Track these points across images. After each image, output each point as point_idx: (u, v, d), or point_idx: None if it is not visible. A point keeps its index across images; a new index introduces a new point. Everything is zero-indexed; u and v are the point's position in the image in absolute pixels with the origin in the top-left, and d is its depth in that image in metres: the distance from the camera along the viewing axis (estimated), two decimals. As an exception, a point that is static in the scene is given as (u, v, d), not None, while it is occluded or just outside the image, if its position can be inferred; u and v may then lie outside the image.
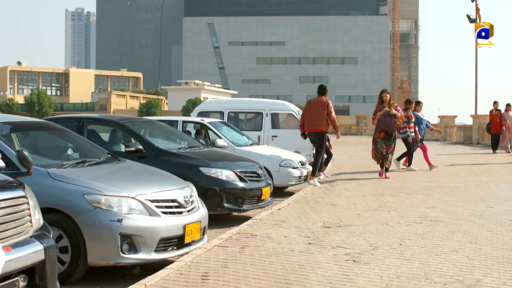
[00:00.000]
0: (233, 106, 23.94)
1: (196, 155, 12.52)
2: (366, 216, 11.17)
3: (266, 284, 6.62)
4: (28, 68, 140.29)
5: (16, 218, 5.01)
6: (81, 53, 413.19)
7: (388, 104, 17.82)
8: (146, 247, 7.82)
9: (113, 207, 7.73)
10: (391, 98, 18.10)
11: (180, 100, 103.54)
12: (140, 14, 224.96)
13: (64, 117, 13.54)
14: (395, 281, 6.65)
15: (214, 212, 11.24)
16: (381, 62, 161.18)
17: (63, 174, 8.09)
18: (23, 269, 4.89)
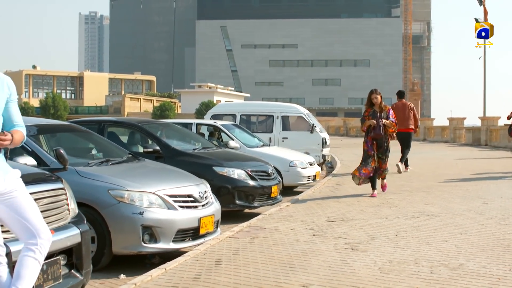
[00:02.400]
0: (245, 109, 24.78)
1: (209, 155, 13.37)
2: (368, 211, 11.99)
3: (272, 268, 7.45)
4: (43, 72, 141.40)
5: (56, 206, 5.84)
6: (95, 57, 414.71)
7: (379, 107, 14.59)
8: (165, 237, 8.66)
9: (135, 201, 8.57)
10: (382, 99, 14.69)
11: (193, 103, 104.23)
12: (153, 17, 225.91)
13: (85, 120, 14.37)
14: (387, 265, 7.48)
15: (226, 208, 12.05)
16: (393, 64, 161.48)
17: (89, 171, 8.94)
18: (63, 249, 5.72)
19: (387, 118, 14.49)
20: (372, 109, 14.65)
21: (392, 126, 14.57)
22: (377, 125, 14.35)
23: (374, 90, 14.77)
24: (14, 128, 5.18)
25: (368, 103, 14.82)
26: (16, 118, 5.22)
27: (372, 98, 14.60)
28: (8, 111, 5.15)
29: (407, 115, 20.33)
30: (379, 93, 14.73)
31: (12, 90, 5.19)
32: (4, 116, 5.12)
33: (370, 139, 14.40)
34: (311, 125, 22.51)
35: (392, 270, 7.26)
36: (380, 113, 14.49)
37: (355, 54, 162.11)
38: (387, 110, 14.72)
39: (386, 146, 14.48)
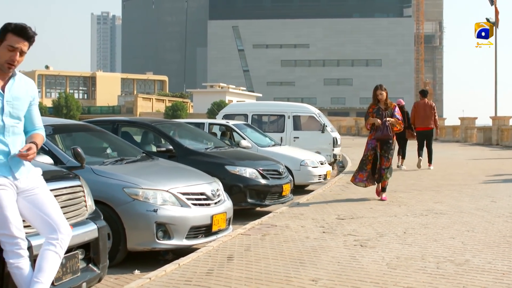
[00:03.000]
0: (256, 109, 25.00)
1: (221, 154, 13.59)
2: (378, 209, 12.19)
3: (283, 263, 7.67)
4: (56, 72, 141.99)
5: (74, 203, 6.06)
6: (107, 57, 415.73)
7: (385, 104, 13.81)
8: (178, 234, 8.88)
9: (149, 199, 8.80)
10: (387, 96, 13.88)
11: (205, 103, 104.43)
12: (165, 17, 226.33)
13: (99, 120, 14.60)
14: (394, 261, 7.68)
15: (238, 206, 12.25)
16: (405, 64, 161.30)
17: (104, 170, 9.18)
18: (80, 244, 5.93)
19: (392, 115, 13.66)
20: (376, 105, 13.81)
21: (397, 125, 13.61)
22: (382, 125, 13.44)
23: (379, 86, 13.92)
24: (35, 131, 5.45)
25: (373, 99, 13.96)
26: (37, 120, 5.50)
27: (377, 94, 13.79)
28: (30, 114, 5.42)
29: (428, 114, 21.19)
30: (385, 89, 13.92)
31: (35, 93, 5.46)
32: (25, 118, 5.37)
33: (371, 137, 13.61)
34: (322, 125, 22.70)
35: (399, 265, 7.46)
36: (385, 111, 13.68)
37: (367, 54, 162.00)
38: (392, 107, 13.86)
39: (390, 144, 13.56)
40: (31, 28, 5.22)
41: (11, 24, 5.16)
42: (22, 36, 5.14)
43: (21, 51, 5.18)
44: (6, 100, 5.17)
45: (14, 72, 5.27)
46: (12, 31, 5.12)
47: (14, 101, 5.22)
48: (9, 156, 5.15)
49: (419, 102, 21.60)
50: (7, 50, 5.11)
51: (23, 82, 5.37)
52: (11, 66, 5.16)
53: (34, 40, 5.24)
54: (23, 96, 5.31)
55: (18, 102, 5.25)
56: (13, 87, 5.24)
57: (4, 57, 5.12)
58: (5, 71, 5.17)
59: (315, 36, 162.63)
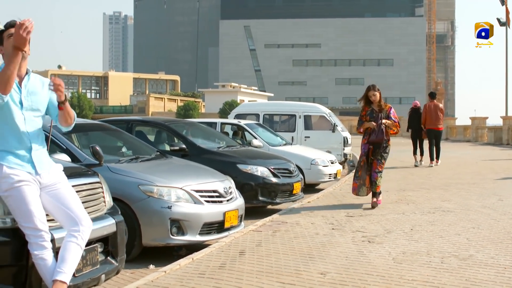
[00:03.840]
0: (268, 108, 25.28)
1: (233, 153, 13.87)
2: (386, 207, 12.45)
3: (293, 258, 7.95)
4: (68, 72, 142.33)
5: (93, 198, 6.36)
6: (119, 56, 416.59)
7: (378, 105, 12.79)
8: (192, 230, 9.16)
9: (163, 196, 9.09)
10: (381, 97, 12.90)
11: (217, 103, 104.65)
12: (177, 17, 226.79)
13: (114, 119, 14.91)
14: (400, 256, 7.96)
15: (250, 204, 12.49)
16: (417, 63, 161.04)
17: (120, 168, 9.48)
18: (100, 238, 6.22)
19: (388, 117, 12.73)
20: (370, 107, 12.82)
21: (394, 127, 12.72)
22: (377, 128, 12.56)
23: (371, 86, 12.87)
24: None
25: (364, 100, 12.96)
26: None
27: (369, 95, 12.78)
28: (53, 103, 5.68)
29: (438, 115, 22.43)
30: (378, 90, 12.88)
31: None
32: (50, 107, 5.67)
33: (365, 141, 12.73)
34: (332, 124, 22.94)
35: (405, 260, 7.73)
36: (379, 112, 12.72)
37: (378, 54, 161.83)
38: (387, 108, 12.87)
39: (384, 148, 12.65)
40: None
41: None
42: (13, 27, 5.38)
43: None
44: (24, 95, 5.48)
45: (28, 70, 5.58)
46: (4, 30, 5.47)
47: (31, 95, 5.53)
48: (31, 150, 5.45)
49: (429, 104, 22.68)
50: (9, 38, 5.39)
51: (38, 78, 5.69)
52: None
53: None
54: (40, 91, 5.62)
55: (35, 97, 5.56)
56: (29, 83, 5.56)
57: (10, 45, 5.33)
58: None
59: (326, 35, 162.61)
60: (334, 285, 6.61)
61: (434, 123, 22.58)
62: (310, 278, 6.92)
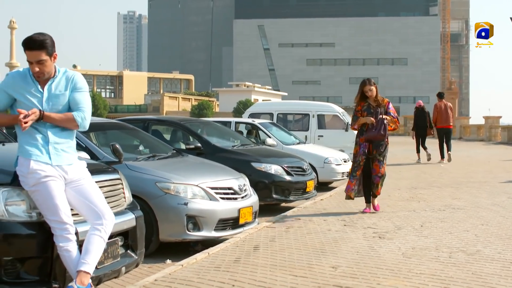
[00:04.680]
0: (281, 108, 25.53)
1: (248, 152, 14.14)
2: (398, 205, 12.71)
3: (306, 253, 8.23)
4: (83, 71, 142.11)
5: (114, 194, 6.63)
6: (133, 56, 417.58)
7: (375, 100, 11.83)
8: (207, 226, 9.44)
9: (180, 193, 9.37)
10: (378, 92, 11.90)
11: (231, 102, 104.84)
12: (191, 17, 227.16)
13: (130, 119, 15.23)
14: (410, 251, 8.21)
15: (264, 202, 12.76)
16: (431, 63, 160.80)
17: (138, 166, 9.76)
18: (120, 232, 6.48)
19: (386, 113, 11.85)
20: (366, 102, 11.86)
21: (392, 124, 11.87)
22: (378, 123, 11.65)
23: (367, 81, 11.93)
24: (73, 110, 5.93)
25: (359, 95, 11.96)
26: (78, 104, 5.91)
27: (365, 90, 11.81)
28: (72, 98, 5.89)
29: (448, 114, 23.45)
30: (374, 84, 11.94)
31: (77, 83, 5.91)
32: (69, 103, 5.90)
33: (363, 140, 11.75)
34: (346, 124, 23.13)
35: (414, 255, 7.99)
36: (377, 108, 11.80)
37: (392, 53, 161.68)
38: (385, 103, 11.95)
39: (385, 146, 11.79)
40: (38, 36, 5.68)
41: (24, 41, 5.70)
42: (31, 48, 5.65)
43: (39, 61, 5.66)
44: (45, 99, 5.77)
45: (56, 72, 5.86)
46: (24, 47, 5.70)
47: (52, 98, 5.80)
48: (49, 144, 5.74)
49: (439, 103, 23.72)
50: (29, 64, 5.71)
51: (64, 78, 5.91)
52: (38, 75, 5.73)
53: (48, 44, 5.68)
54: (63, 91, 5.85)
55: (56, 99, 5.81)
56: (52, 85, 5.81)
57: (31, 70, 5.72)
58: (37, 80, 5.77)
59: (340, 35, 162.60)
60: (344, 278, 6.86)
61: (444, 121, 23.65)
62: (322, 271, 7.18)
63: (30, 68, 5.72)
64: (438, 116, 23.71)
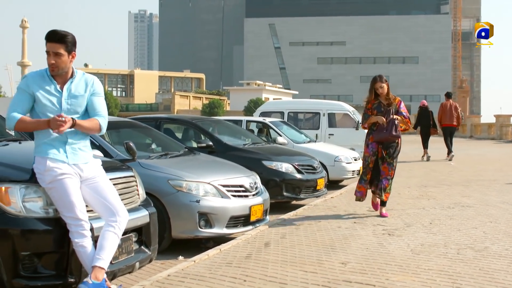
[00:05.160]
0: (292, 106, 25.66)
1: (259, 150, 14.27)
2: (407, 202, 12.82)
3: (316, 249, 8.36)
4: (95, 70, 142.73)
5: (128, 191, 6.78)
6: (144, 54, 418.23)
7: (386, 98, 11.21)
8: (219, 223, 9.58)
9: (192, 190, 9.51)
10: (389, 90, 11.24)
11: (242, 101, 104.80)
12: (202, 15, 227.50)
13: (143, 117, 15.40)
14: (419, 247, 8.33)
15: (274, 200, 12.91)
16: (442, 61, 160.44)
17: (151, 163, 9.91)
18: (134, 228, 6.62)
19: (397, 112, 11.22)
20: (377, 100, 11.23)
21: (404, 124, 11.17)
22: (389, 124, 11.00)
23: (378, 77, 11.22)
24: (94, 116, 6.13)
25: (371, 94, 11.30)
26: (99, 108, 6.15)
27: (376, 88, 11.18)
28: (91, 103, 6.10)
29: (453, 113, 24.10)
30: (386, 81, 11.24)
31: (95, 87, 6.13)
32: (87, 107, 6.10)
33: (372, 139, 11.16)
34: (356, 122, 23.21)
35: (422, 251, 8.11)
36: (388, 106, 11.19)
37: (403, 51, 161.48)
38: (397, 102, 11.29)
39: (395, 148, 11.14)
40: (61, 31, 5.94)
41: (47, 33, 5.94)
42: (51, 40, 5.89)
43: (56, 53, 5.87)
44: (64, 98, 5.93)
45: (74, 73, 6.03)
46: (46, 39, 5.92)
47: (71, 99, 5.97)
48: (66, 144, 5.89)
49: (445, 102, 24.42)
50: (47, 55, 5.89)
51: (83, 80, 6.10)
52: (53, 69, 5.91)
53: (68, 40, 5.92)
54: (82, 93, 6.04)
55: (75, 100, 5.99)
56: (71, 86, 5.99)
57: (47, 62, 5.89)
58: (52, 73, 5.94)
59: (351, 33, 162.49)
60: (354, 273, 6.99)
61: (449, 120, 24.42)
62: (332, 267, 7.31)
63: (47, 60, 5.89)
64: (443, 115, 24.55)
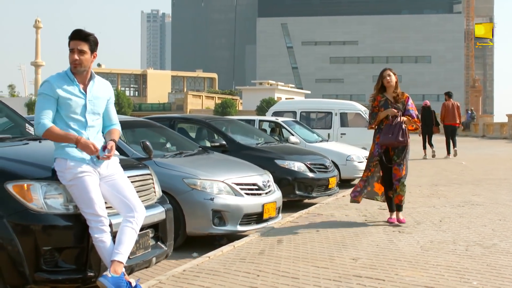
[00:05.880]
0: (305, 106, 25.86)
1: (271, 149, 14.47)
2: (418, 201, 12.99)
3: (327, 245, 8.55)
4: (108, 70, 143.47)
5: (145, 189, 6.98)
6: (157, 54, 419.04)
7: (394, 92, 10.31)
8: (232, 220, 9.78)
9: (206, 189, 9.72)
10: (398, 83, 10.38)
11: (254, 100, 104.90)
12: (214, 15, 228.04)
13: (157, 117, 15.62)
14: (428, 244, 8.52)
15: (287, 198, 13.09)
16: (455, 60, 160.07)
17: (166, 162, 10.13)
18: (150, 224, 6.82)
19: (405, 110, 10.30)
20: (383, 97, 10.36)
21: (413, 124, 10.31)
22: (395, 126, 10.08)
23: (388, 68, 10.55)
24: (112, 126, 6.45)
25: (378, 86, 10.47)
26: (114, 117, 6.53)
27: (384, 76, 10.37)
28: (107, 111, 6.42)
29: (455, 112, 25.15)
30: (394, 73, 10.42)
31: (111, 93, 6.50)
32: (104, 115, 6.38)
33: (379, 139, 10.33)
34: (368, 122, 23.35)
35: (432, 248, 8.29)
36: (395, 104, 10.31)
37: (416, 51, 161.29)
38: (405, 98, 10.34)
39: (403, 148, 10.16)
40: (86, 31, 6.21)
41: (72, 32, 6.19)
42: (76, 38, 6.14)
43: (80, 51, 6.10)
44: (88, 100, 6.17)
45: (93, 75, 6.27)
46: (70, 37, 6.16)
47: (94, 100, 6.21)
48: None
49: (447, 102, 25.43)
50: (70, 53, 6.13)
51: (101, 83, 6.38)
52: (76, 65, 6.14)
53: (91, 39, 6.19)
54: (102, 95, 6.31)
55: (97, 101, 6.25)
56: (93, 88, 6.24)
57: (70, 60, 6.13)
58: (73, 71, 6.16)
59: (364, 33, 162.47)
60: (364, 268, 7.18)
61: (451, 119, 25.44)
62: (343, 263, 7.51)
63: (69, 58, 6.12)
64: (446, 114, 25.54)
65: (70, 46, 6.11)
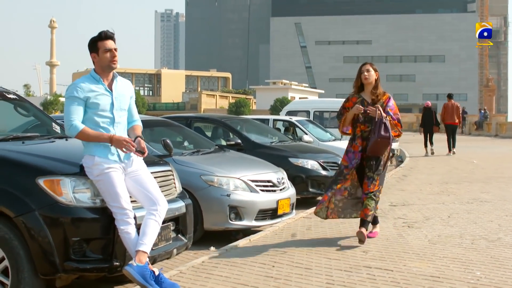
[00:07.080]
0: (318, 105, 26.25)
1: (285, 148, 14.86)
2: (428, 198, 13.35)
3: (339, 239, 8.94)
4: (122, 70, 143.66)
5: (166, 184, 7.38)
6: (170, 54, 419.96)
7: (372, 93, 8.81)
8: (248, 216, 10.18)
9: (223, 185, 10.12)
10: (378, 79, 8.93)
11: (268, 100, 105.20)
12: (228, 14, 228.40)
13: (174, 116, 16.01)
14: (436, 238, 8.90)
15: (300, 195, 13.49)
16: (468, 59, 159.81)
17: (184, 160, 10.54)
18: (171, 218, 7.21)
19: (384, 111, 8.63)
20: (359, 97, 8.86)
21: (394, 128, 8.68)
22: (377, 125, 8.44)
23: (368, 64, 8.98)
24: (134, 122, 6.83)
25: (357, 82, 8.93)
26: (135, 113, 6.91)
27: (362, 71, 8.86)
28: (129, 107, 6.80)
29: (455, 112, 26.55)
30: (376, 69, 8.94)
31: (132, 90, 6.90)
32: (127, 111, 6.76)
33: (357, 148, 8.70)
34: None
35: (439, 241, 8.67)
36: (374, 103, 8.74)
37: (430, 50, 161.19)
38: (385, 99, 8.82)
39: (380, 161, 8.60)
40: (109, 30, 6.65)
41: (98, 35, 6.60)
42: (109, 38, 6.57)
43: (115, 49, 6.57)
44: (115, 97, 6.57)
45: (115, 74, 6.68)
46: (100, 37, 6.56)
47: (120, 97, 6.62)
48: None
49: (448, 103, 26.79)
50: (105, 53, 6.51)
51: (123, 81, 6.79)
52: (115, 62, 6.58)
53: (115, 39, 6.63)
54: (126, 92, 6.71)
55: (122, 98, 6.65)
56: (118, 85, 6.64)
57: (106, 60, 6.52)
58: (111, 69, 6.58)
59: (377, 32, 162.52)
60: (374, 260, 7.56)
61: (450, 118, 26.78)
62: (354, 255, 7.90)
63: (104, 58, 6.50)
64: (446, 114, 26.89)
65: (107, 47, 6.49)
